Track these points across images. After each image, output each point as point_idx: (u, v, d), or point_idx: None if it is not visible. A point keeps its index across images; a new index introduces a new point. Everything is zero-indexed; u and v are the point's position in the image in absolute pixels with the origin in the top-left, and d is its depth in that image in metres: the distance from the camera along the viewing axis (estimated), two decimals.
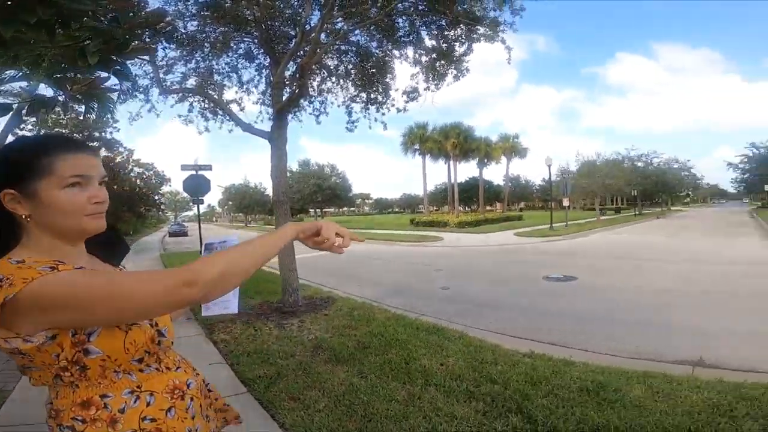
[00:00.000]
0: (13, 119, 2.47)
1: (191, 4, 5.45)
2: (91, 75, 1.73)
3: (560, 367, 3.37)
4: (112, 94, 1.99)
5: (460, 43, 5.44)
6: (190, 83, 6.26)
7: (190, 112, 6.51)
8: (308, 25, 5.28)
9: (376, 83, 6.27)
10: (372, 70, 6.24)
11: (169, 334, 0.88)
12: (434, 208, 65.28)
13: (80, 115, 9.85)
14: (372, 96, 6.39)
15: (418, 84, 5.96)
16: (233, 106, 6.57)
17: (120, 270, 1.00)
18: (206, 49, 5.91)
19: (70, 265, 0.75)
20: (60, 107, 1.79)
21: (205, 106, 6.55)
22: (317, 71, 6.44)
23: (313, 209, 37.82)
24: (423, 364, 3.49)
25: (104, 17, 1.53)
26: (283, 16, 5.75)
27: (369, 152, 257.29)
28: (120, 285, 0.74)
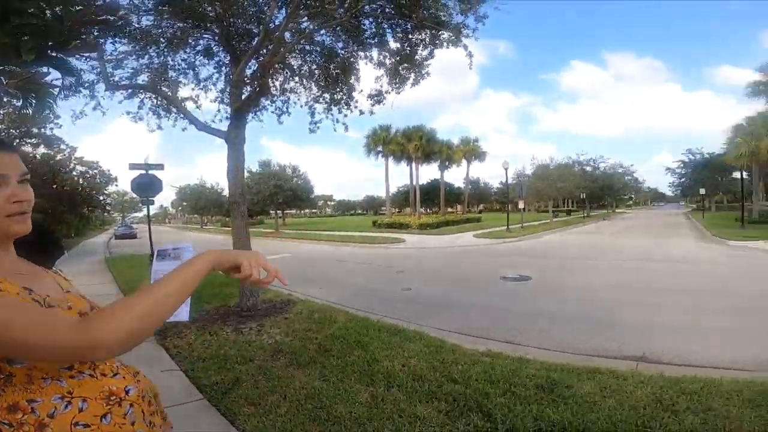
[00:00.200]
0: None
1: None
2: (31, 69, 1.60)
3: (517, 365, 3.48)
4: (52, 89, 1.85)
5: (423, 46, 5.53)
6: (142, 79, 5.93)
7: (140, 108, 6.19)
8: (272, 23, 5.16)
9: (340, 84, 6.24)
10: (336, 71, 6.20)
11: None
12: (396, 210, 65.78)
13: (18, 109, 9.05)
14: (335, 97, 6.35)
15: (382, 87, 5.99)
16: (189, 104, 6.31)
17: (54, 276, 0.95)
18: (162, 45, 5.63)
19: None
20: None
21: (158, 103, 6.24)
22: (280, 70, 6.31)
23: (274, 211, 36.86)
24: (385, 366, 3.50)
25: (49, 12, 1.42)
26: (247, 14, 5.59)
27: (332, 154, 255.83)
28: (16, 325, 0.67)
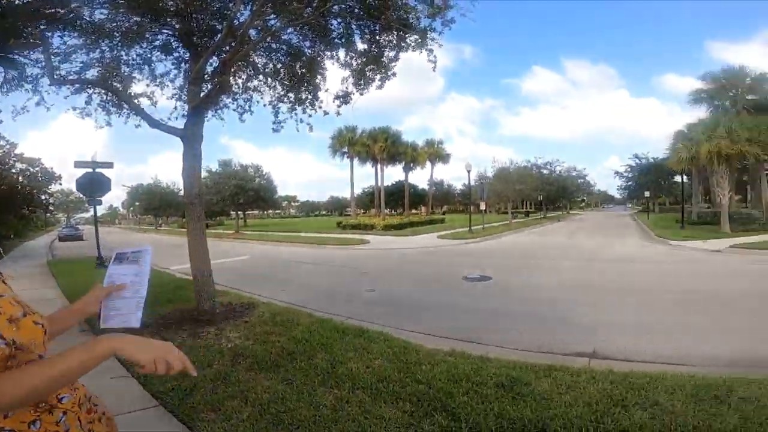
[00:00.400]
0: None
1: None
2: None
3: (479, 364, 3.56)
4: None
5: (390, 48, 5.56)
6: (91, 74, 5.58)
7: (87, 104, 5.82)
8: (237, 20, 5.00)
9: (306, 84, 6.15)
10: (302, 71, 6.11)
11: (37, 348, 0.85)
12: (361, 211, 65.71)
13: None
14: (300, 97, 6.25)
15: (348, 88, 5.97)
16: (143, 100, 6.01)
17: None
18: (116, 39, 5.32)
19: None
20: None
21: (108, 99, 5.90)
22: (244, 68, 6.14)
23: (235, 211, 35.74)
24: (350, 368, 3.49)
25: None
26: (210, 10, 5.39)
27: (297, 154, 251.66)
28: None
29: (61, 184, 23.34)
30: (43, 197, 20.49)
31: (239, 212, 35.79)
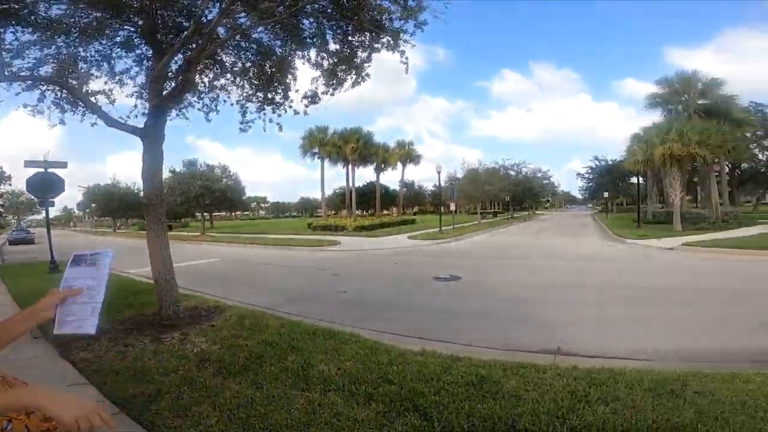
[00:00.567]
0: None
1: None
2: None
3: (449, 363, 3.62)
4: None
5: (362, 49, 5.56)
6: (45, 70, 5.27)
7: (40, 101, 5.50)
8: (205, 17, 4.86)
9: (276, 83, 6.06)
10: (272, 70, 6.01)
11: None
12: (332, 212, 65.28)
13: None
14: (269, 96, 6.15)
15: (318, 88, 5.92)
16: (101, 98, 5.73)
17: None
18: (74, 35, 5.05)
19: None
20: None
21: (62, 96, 5.59)
22: (211, 66, 5.97)
23: (200, 213, 34.64)
24: (321, 370, 3.48)
25: None
26: (177, 6, 5.21)
27: (266, 154, 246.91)
28: None
29: (10, 184, 21.83)
30: None
31: (205, 214, 34.72)
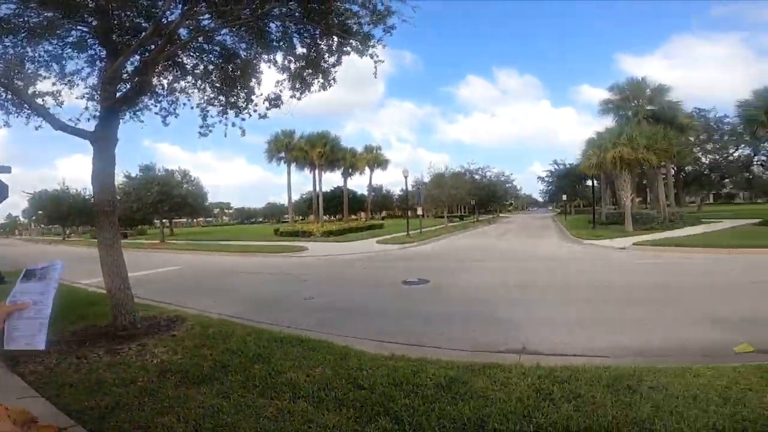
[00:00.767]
0: None
1: None
2: None
3: (418, 366, 3.66)
4: None
5: (330, 53, 5.54)
6: None
7: None
8: (166, 18, 4.69)
9: (239, 87, 5.94)
10: (236, 73, 5.89)
11: None
12: (300, 218, 64.37)
13: None
14: (232, 100, 6.02)
15: (282, 92, 5.86)
16: (49, 99, 5.42)
17: None
18: (21, 35, 4.74)
19: None
20: None
21: (7, 98, 5.24)
22: (170, 68, 5.77)
23: (159, 220, 33.14)
24: (289, 377, 3.43)
25: None
26: (137, 6, 5.01)
27: (230, 159, 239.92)
28: None
29: None
30: None
31: (164, 221, 33.26)
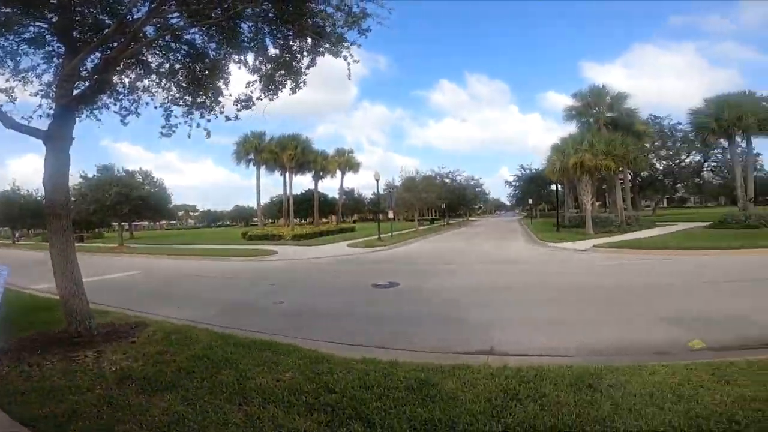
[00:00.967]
0: None
1: None
2: None
3: (389, 369, 3.68)
4: None
5: (302, 55, 5.47)
6: None
7: None
8: (131, 16, 4.50)
9: (207, 87, 5.77)
10: (204, 73, 5.73)
11: None
12: (270, 221, 63.14)
13: None
14: (199, 100, 5.84)
15: (252, 92, 5.74)
16: (0, 96, 5.11)
17: None
18: None
19: None
20: None
21: None
22: (133, 66, 5.55)
23: (118, 222, 31.63)
24: (258, 383, 3.38)
25: None
26: (101, 3, 4.78)
27: (196, 160, 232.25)
28: None
29: None
30: None
31: (124, 223, 31.78)
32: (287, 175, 40.56)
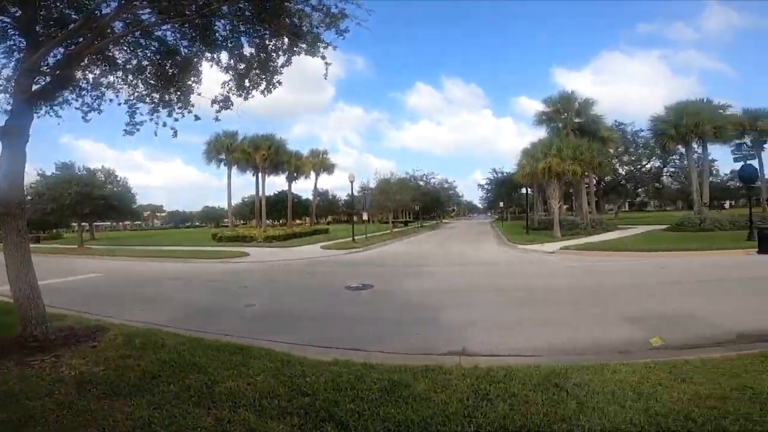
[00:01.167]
0: None
1: None
2: None
3: (362, 371, 3.69)
4: None
5: (278, 54, 5.38)
6: None
7: None
8: (99, 10, 4.31)
9: (176, 85, 5.59)
10: (173, 70, 5.55)
11: None
12: (241, 222, 61.79)
13: None
14: (166, 98, 5.65)
15: (229, 93, 5.61)
16: None
17: None
18: None
19: None
20: None
21: None
22: (98, 62, 5.32)
23: (78, 223, 30.11)
24: (228, 387, 3.32)
25: None
26: None
27: (163, 159, 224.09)
28: None
29: None
30: None
31: (84, 224, 30.28)
32: (260, 175, 39.80)
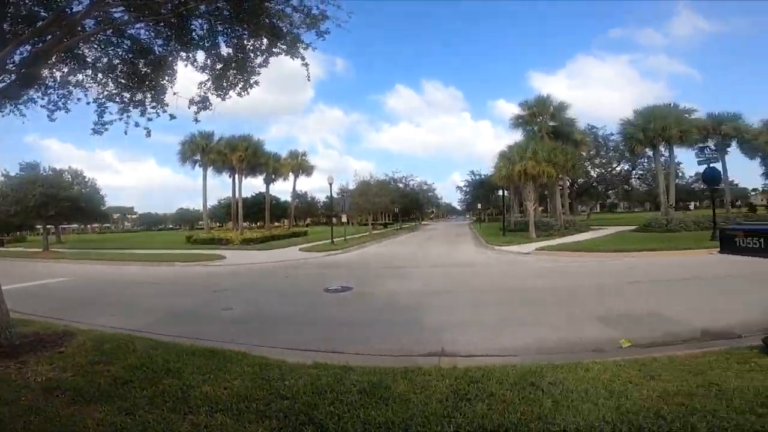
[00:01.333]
0: None
1: None
2: None
3: (341, 373, 3.68)
4: None
5: (257, 54, 5.31)
6: None
7: None
8: (70, 8, 4.16)
9: (150, 84, 5.44)
10: (146, 69, 5.40)
11: None
12: (218, 225, 60.47)
13: None
14: (138, 97, 5.49)
15: (207, 93, 5.50)
16: None
17: None
18: None
19: None
20: None
21: None
22: (67, 60, 5.13)
23: (42, 226, 28.79)
24: (204, 391, 3.25)
25: None
26: None
27: (134, 159, 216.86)
28: None
29: None
30: None
31: (49, 226, 28.98)
32: (237, 177, 39.00)
